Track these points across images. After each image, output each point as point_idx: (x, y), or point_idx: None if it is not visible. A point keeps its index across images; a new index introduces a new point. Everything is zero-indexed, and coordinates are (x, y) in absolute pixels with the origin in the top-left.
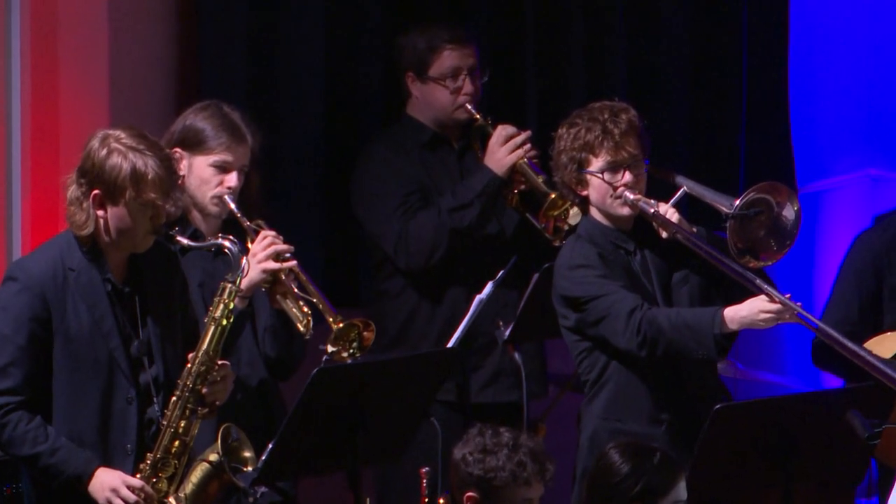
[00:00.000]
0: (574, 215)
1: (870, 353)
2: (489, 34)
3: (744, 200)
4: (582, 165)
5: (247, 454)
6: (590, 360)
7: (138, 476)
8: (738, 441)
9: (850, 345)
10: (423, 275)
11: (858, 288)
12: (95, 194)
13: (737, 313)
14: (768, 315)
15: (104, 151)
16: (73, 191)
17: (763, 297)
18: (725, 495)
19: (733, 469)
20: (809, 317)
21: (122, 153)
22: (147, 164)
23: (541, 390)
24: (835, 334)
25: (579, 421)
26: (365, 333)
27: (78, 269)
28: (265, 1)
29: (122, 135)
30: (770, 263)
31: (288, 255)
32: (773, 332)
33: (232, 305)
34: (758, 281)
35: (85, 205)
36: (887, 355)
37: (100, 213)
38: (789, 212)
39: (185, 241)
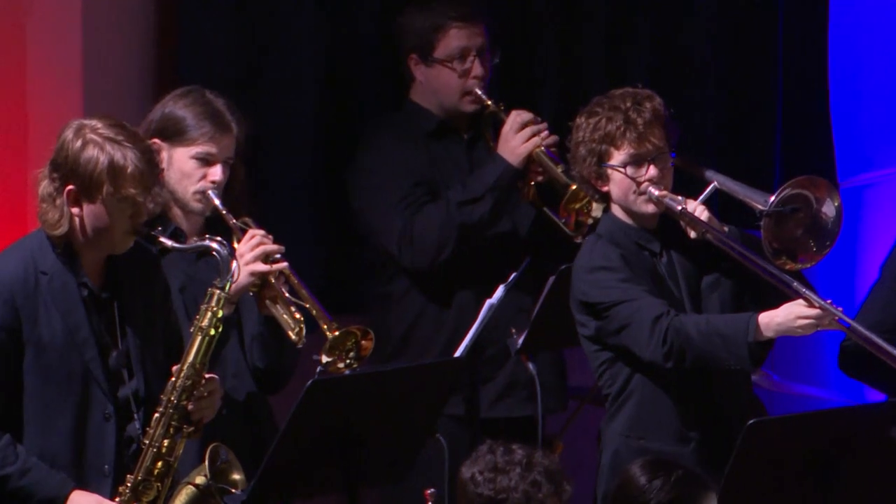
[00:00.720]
0: (597, 208)
1: None
2: (501, 10)
3: (780, 196)
4: (602, 158)
5: (236, 476)
6: (611, 373)
7: (118, 500)
8: (774, 458)
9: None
10: (429, 276)
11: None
12: (70, 190)
13: (773, 319)
14: (807, 321)
15: (79, 143)
16: (44, 186)
17: (801, 301)
18: None
19: (768, 488)
20: (852, 323)
21: (98, 145)
22: (126, 157)
23: (558, 404)
24: (879, 341)
25: (600, 439)
26: (363, 342)
27: (51, 272)
28: None
29: (99, 125)
30: (809, 265)
31: (278, 255)
32: (812, 341)
33: (221, 313)
34: (795, 284)
35: (58, 202)
36: None
37: (75, 210)
38: (829, 208)
39: (168, 242)
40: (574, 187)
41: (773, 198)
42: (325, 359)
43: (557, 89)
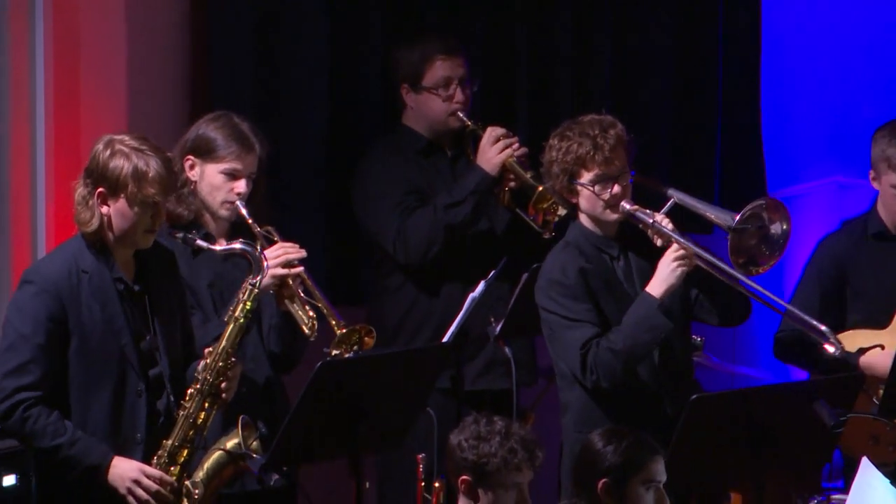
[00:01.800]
0: (562, 208)
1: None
2: (482, 45)
3: (743, 215)
4: (573, 177)
5: (254, 443)
6: (560, 368)
7: (155, 463)
8: (713, 428)
9: (759, 292)
10: (421, 271)
11: (821, 287)
12: (99, 191)
13: (656, 280)
14: (677, 263)
15: (108, 153)
16: (79, 192)
17: (669, 250)
18: (702, 477)
19: (709, 453)
20: (713, 260)
21: (125, 154)
22: (148, 164)
23: (530, 379)
24: (746, 280)
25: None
26: (366, 339)
27: (91, 271)
28: (272, 17)
29: (126, 138)
30: (767, 269)
31: (296, 262)
32: (746, 329)
33: (251, 305)
34: (746, 281)
35: (90, 203)
36: (852, 349)
37: (104, 209)
38: (778, 228)
39: (204, 244)
40: (541, 189)
41: (738, 216)
42: (334, 352)
43: (528, 109)
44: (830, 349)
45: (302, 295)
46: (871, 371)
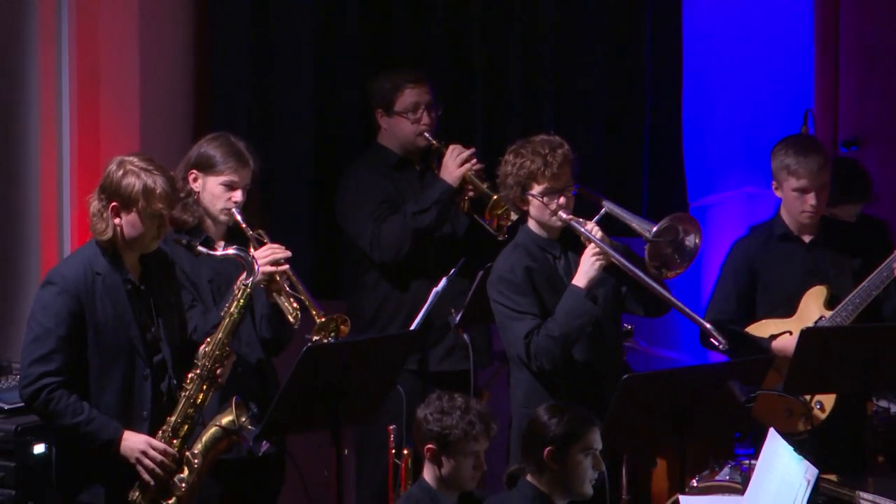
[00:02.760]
0: (514, 215)
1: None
2: (444, 75)
3: (659, 228)
4: (525, 189)
5: (245, 420)
6: (510, 352)
7: (160, 437)
8: (642, 403)
9: (659, 290)
10: (392, 269)
11: (735, 284)
12: (113, 205)
13: (579, 273)
14: (595, 258)
15: (120, 172)
16: (94, 205)
17: (588, 248)
18: (632, 445)
19: (638, 425)
20: (627, 263)
21: (135, 173)
22: (156, 182)
23: (486, 362)
24: (647, 280)
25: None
26: (342, 327)
27: (104, 273)
28: (265, 51)
29: (135, 159)
30: (678, 274)
31: (283, 260)
32: (670, 319)
33: (243, 302)
34: (653, 283)
35: (105, 215)
36: (765, 335)
37: (116, 221)
38: (692, 240)
39: (203, 249)
40: (496, 198)
41: (654, 228)
42: (314, 338)
43: (483, 129)
44: (715, 342)
45: (287, 289)
46: (782, 353)
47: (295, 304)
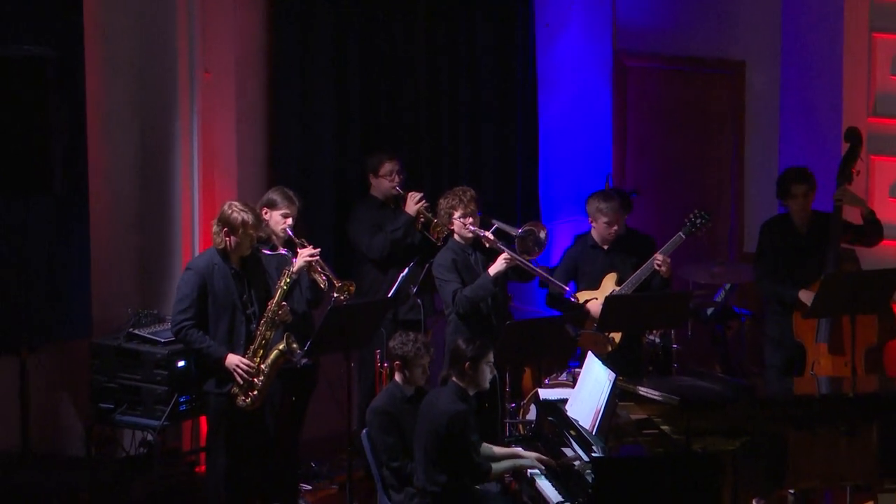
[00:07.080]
0: (446, 231)
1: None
2: (408, 153)
3: (524, 229)
4: (451, 215)
5: (294, 346)
6: (445, 304)
7: (248, 356)
8: (517, 337)
9: (532, 267)
10: (378, 262)
11: (566, 271)
12: (225, 230)
13: (492, 267)
14: (505, 260)
15: (229, 211)
16: (214, 229)
17: (501, 255)
18: (511, 361)
19: (514, 349)
20: (516, 256)
21: (239, 212)
22: (248, 217)
23: (431, 314)
24: (529, 265)
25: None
26: (350, 288)
27: (218, 264)
28: (307, 138)
29: (237, 204)
30: (535, 257)
31: (317, 255)
32: (534, 287)
33: (289, 280)
34: (529, 262)
35: (220, 235)
36: (582, 301)
37: (227, 239)
38: (542, 234)
39: (268, 252)
40: (436, 221)
41: (521, 230)
42: (335, 294)
43: (430, 183)
44: (570, 298)
45: (319, 270)
46: (592, 312)
47: (324, 278)
